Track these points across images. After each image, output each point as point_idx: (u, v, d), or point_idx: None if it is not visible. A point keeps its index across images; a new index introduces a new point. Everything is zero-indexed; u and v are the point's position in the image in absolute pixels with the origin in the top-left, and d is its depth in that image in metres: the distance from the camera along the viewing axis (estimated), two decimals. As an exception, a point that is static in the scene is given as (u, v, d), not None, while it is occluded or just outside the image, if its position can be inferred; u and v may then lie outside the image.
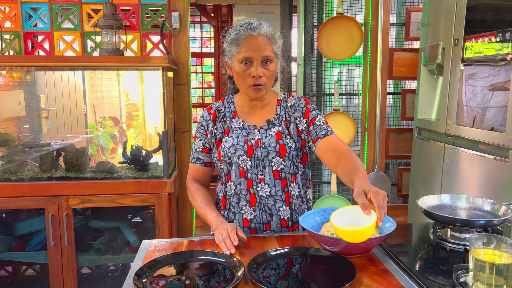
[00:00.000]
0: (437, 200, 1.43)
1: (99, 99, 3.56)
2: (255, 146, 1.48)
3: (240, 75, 1.43)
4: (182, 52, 2.63)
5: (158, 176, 2.38)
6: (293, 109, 1.54)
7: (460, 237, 1.30)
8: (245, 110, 1.55)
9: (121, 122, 3.58)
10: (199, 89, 5.60)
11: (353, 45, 2.83)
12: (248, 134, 1.50)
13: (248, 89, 1.45)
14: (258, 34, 1.40)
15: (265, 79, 1.43)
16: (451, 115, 2.23)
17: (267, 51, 1.41)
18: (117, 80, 3.49)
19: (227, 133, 1.51)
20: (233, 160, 1.46)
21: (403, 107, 2.96)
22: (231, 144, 1.47)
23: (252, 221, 1.48)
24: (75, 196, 2.30)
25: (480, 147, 2.04)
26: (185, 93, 2.66)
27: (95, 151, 3.31)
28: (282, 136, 1.50)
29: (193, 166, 1.59)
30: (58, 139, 3.18)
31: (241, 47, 1.40)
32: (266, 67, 1.42)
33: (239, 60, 1.41)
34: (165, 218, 2.36)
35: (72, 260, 2.35)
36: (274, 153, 1.47)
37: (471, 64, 2.12)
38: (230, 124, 1.53)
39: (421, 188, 2.61)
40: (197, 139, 1.57)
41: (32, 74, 2.89)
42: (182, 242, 1.35)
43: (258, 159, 1.47)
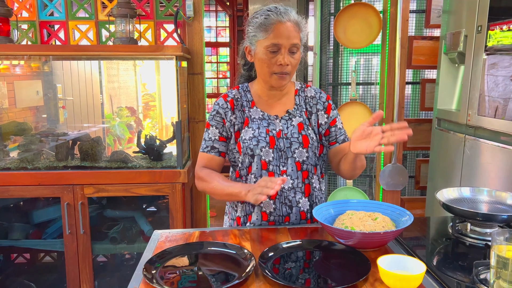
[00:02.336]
0: (456, 193, 1.38)
1: (116, 89, 3.58)
2: (277, 137, 1.43)
3: (265, 62, 1.37)
4: (196, 41, 2.60)
5: (172, 166, 2.38)
6: (314, 100, 1.52)
7: (481, 232, 1.25)
8: (263, 100, 1.49)
9: (138, 112, 3.59)
10: (214, 79, 5.58)
11: (371, 33, 2.75)
12: (269, 125, 1.45)
13: (272, 77, 1.39)
14: (288, 20, 1.34)
15: (291, 67, 1.38)
16: (472, 105, 2.15)
17: (295, 38, 1.35)
18: (134, 70, 3.50)
19: (246, 123, 1.44)
20: (256, 152, 1.41)
21: (422, 97, 2.88)
22: (253, 136, 1.42)
23: (272, 214, 1.44)
24: (90, 185, 2.31)
25: (503, 139, 1.96)
26: (199, 82, 2.64)
27: (111, 141, 3.33)
28: (304, 127, 1.47)
29: (205, 156, 1.49)
30: (75, 128, 3.21)
31: (269, 33, 1.33)
32: (292, 56, 1.37)
33: (265, 46, 1.35)
34: (178, 208, 2.36)
35: (87, 248, 2.37)
36: (297, 144, 1.44)
37: (493, 53, 2.04)
38: (249, 114, 1.47)
39: (439, 180, 2.54)
40: (211, 127, 1.48)
41: (50, 64, 2.91)
42: (193, 233, 1.33)
43: (281, 151, 1.43)
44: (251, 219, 1.45)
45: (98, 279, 2.52)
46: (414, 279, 0.93)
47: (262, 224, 1.44)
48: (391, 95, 2.73)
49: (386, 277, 0.95)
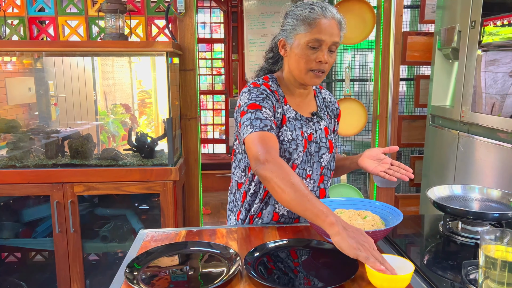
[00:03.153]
0: (448, 191, 1.35)
1: (111, 86, 3.55)
2: (309, 140, 1.39)
3: (303, 58, 1.28)
4: (188, 37, 2.57)
5: (163, 164, 2.35)
6: (332, 105, 1.52)
7: (472, 230, 1.23)
8: (292, 98, 1.41)
9: (133, 109, 3.56)
10: (209, 76, 5.54)
11: (365, 29, 2.72)
12: (302, 126, 1.38)
13: (307, 74, 1.30)
14: (332, 17, 1.28)
15: (328, 66, 1.31)
16: (466, 101, 2.13)
17: (337, 36, 1.29)
18: (129, 67, 3.46)
19: (284, 122, 1.34)
20: (293, 156, 1.33)
21: (416, 93, 2.85)
22: (291, 138, 1.33)
23: (283, 216, 1.40)
24: (80, 183, 2.28)
25: (497, 135, 1.94)
26: (191, 79, 2.61)
27: (105, 138, 3.30)
28: (329, 132, 1.46)
29: (267, 135, 1.22)
30: (67, 126, 3.17)
31: (313, 27, 1.26)
32: (331, 55, 1.30)
33: (306, 41, 1.26)
34: (170, 206, 2.33)
35: (77, 247, 2.34)
36: (325, 149, 1.41)
37: (491, 49, 2.02)
38: (286, 111, 1.37)
39: (434, 177, 2.52)
40: (263, 108, 1.27)
41: (41, 61, 2.87)
42: (180, 232, 1.30)
43: (310, 154, 1.39)
44: (261, 216, 1.41)
45: (89, 277, 2.49)
46: (402, 280, 0.90)
47: (270, 223, 1.40)
48: (385, 91, 2.71)
49: (373, 278, 0.93)
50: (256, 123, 1.24)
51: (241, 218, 1.44)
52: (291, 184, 1.08)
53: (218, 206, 4.39)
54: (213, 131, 5.80)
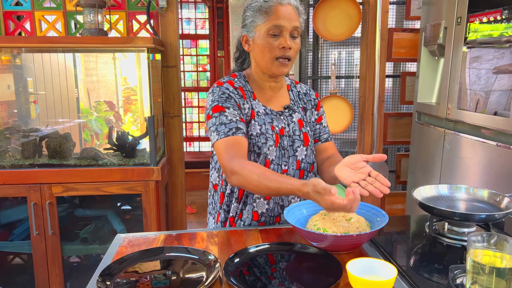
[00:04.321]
0: (434, 191, 1.32)
1: (94, 83, 3.46)
2: (281, 134, 1.36)
3: (266, 47, 1.27)
4: (170, 33, 2.50)
5: (145, 163, 2.29)
6: (307, 97, 1.49)
7: (459, 232, 1.20)
8: (262, 92, 1.39)
9: (118, 107, 3.48)
10: (194, 72, 5.46)
11: (350, 25, 2.69)
12: (273, 121, 1.36)
13: (273, 63, 1.29)
14: (288, 3, 1.28)
15: (293, 52, 1.29)
16: (452, 98, 2.11)
17: (296, 21, 1.28)
18: (113, 63, 3.38)
19: (252, 116, 1.33)
20: (263, 151, 1.31)
21: (402, 90, 2.83)
22: (260, 132, 1.32)
23: (263, 215, 1.36)
24: (58, 184, 2.21)
25: (483, 133, 1.93)
26: (174, 76, 2.54)
27: (88, 136, 3.22)
28: (303, 124, 1.42)
29: (231, 140, 1.23)
30: (48, 124, 3.09)
31: (270, 15, 1.26)
32: (294, 41, 1.29)
33: (266, 29, 1.26)
34: (152, 207, 2.27)
35: (56, 249, 2.27)
36: (299, 142, 1.38)
37: (475, 46, 1.99)
38: (254, 106, 1.35)
39: (420, 175, 2.50)
40: (227, 109, 1.28)
41: (21, 57, 2.77)
42: (158, 237, 1.25)
43: (284, 149, 1.36)
44: (242, 217, 1.37)
45: (70, 280, 2.42)
46: (384, 285, 0.87)
47: (252, 224, 1.37)
48: (371, 88, 2.68)
49: (354, 283, 0.89)
50: (221, 129, 1.26)
51: (220, 221, 1.40)
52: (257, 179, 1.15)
53: (203, 205, 4.34)
54: (199, 128, 5.73)
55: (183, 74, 5.37)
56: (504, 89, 1.90)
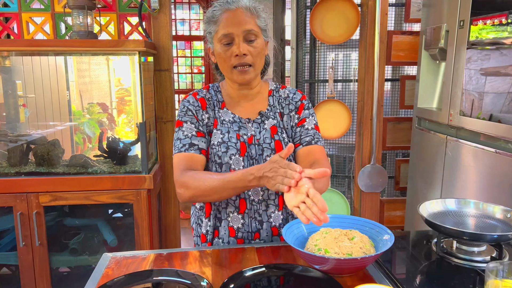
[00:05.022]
0: (441, 206, 1.25)
1: (87, 85, 3.38)
2: (248, 143, 1.28)
3: (222, 57, 1.24)
4: (162, 35, 2.41)
5: (136, 171, 2.20)
6: (287, 101, 1.38)
7: (468, 251, 1.13)
8: (234, 101, 1.34)
9: (111, 108, 3.40)
10: (189, 74, 5.37)
11: (349, 27, 2.61)
12: (240, 129, 1.30)
13: (233, 73, 1.25)
14: (236, 7, 1.22)
15: (252, 57, 1.23)
16: (454, 104, 2.04)
17: (249, 24, 1.22)
18: (107, 64, 3.30)
19: (215, 125, 1.30)
20: (224, 160, 1.25)
21: (401, 94, 2.76)
22: (222, 141, 1.27)
23: (240, 230, 1.29)
24: (46, 193, 2.12)
25: (486, 141, 1.86)
26: (167, 79, 2.46)
27: (80, 139, 3.14)
28: (277, 130, 1.32)
29: (183, 156, 1.23)
30: (38, 127, 3.00)
31: (219, 24, 1.22)
32: (251, 45, 1.23)
33: (218, 39, 1.23)
34: (144, 216, 2.19)
35: (44, 261, 2.18)
36: (269, 151, 1.29)
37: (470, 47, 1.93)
38: (218, 115, 1.31)
39: (420, 181, 2.43)
40: (185, 123, 1.27)
41: (10, 59, 2.68)
42: (147, 256, 1.17)
43: (252, 158, 1.28)
44: (219, 234, 1.31)
45: (59, 291, 2.33)
46: None
47: (230, 240, 1.29)
48: (370, 92, 2.61)
49: None
50: (176, 144, 1.27)
51: (195, 235, 1.35)
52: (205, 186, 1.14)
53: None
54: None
55: (177, 76, 5.28)
56: (497, 92, 1.85)
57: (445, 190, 2.15)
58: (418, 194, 2.46)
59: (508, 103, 1.84)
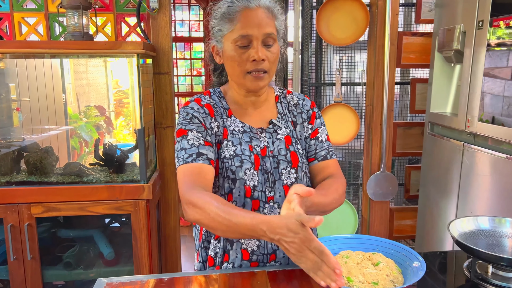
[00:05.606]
0: (472, 224, 1.13)
1: (84, 87, 3.28)
2: (262, 155, 1.15)
3: (235, 60, 1.10)
4: (162, 37, 2.29)
5: (134, 180, 2.08)
6: (299, 109, 1.26)
7: (505, 277, 1.01)
8: (241, 108, 1.21)
9: (109, 111, 3.30)
10: (188, 77, 5.25)
11: (357, 28, 2.50)
12: (252, 140, 1.16)
13: (246, 78, 1.12)
14: (257, 5, 1.08)
15: (268, 64, 1.11)
16: (472, 109, 1.93)
17: (269, 27, 1.09)
18: (104, 66, 3.20)
19: (225, 136, 1.15)
20: (238, 176, 1.11)
21: (412, 98, 2.65)
22: (234, 154, 1.13)
23: (254, 253, 1.15)
24: (38, 204, 1.99)
25: (509, 149, 1.74)
26: (167, 83, 2.34)
27: (77, 143, 3.04)
28: (292, 141, 1.20)
29: (191, 168, 1.07)
30: (32, 132, 2.89)
31: (236, 23, 1.07)
32: (268, 49, 1.10)
33: (233, 40, 1.09)
34: (143, 228, 2.06)
35: (36, 276, 2.05)
36: (285, 163, 1.17)
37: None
38: (227, 124, 1.17)
39: (432, 190, 2.32)
40: (189, 132, 1.11)
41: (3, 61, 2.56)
42: (147, 282, 1.05)
43: (267, 172, 1.15)
44: (229, 259, 1.16)
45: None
46: None
47: (243, 264, 1.16)
48: (380, 96, 2.49)
49: None
50: (181, 155, 1.10)
51: (200, 260, 1.20)
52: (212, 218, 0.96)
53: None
54: (193, 134, 5.51)
55: (177, 79, 5.15)
56: (494, 94, 1.76)
57: (462, 201, 2.03)
58: (431, 202, 2.34)
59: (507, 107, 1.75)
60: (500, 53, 1.81)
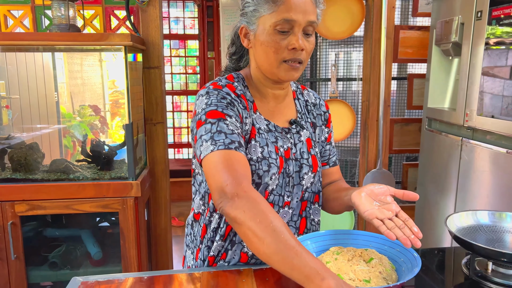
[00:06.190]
0: (471, 219, 1.07)
1: (79, 86, 3.23)
2: (286, 157, 1.06)
3: (272, 46, 0.98)
4: (152, 30, 2.23)
5: (122, 177, 2.01)
6: (317, 109, 1.18)
7: (506, 274, 0.95)
8: (265, 102, 1.10)
9: (105, 111, 3.24)
10: (183, 75, 5.18)
11: (353, 22, 2.44)
12: (277, 140, 1.07)
13: (280, 67, 1.00)
14: None
15: (305, 54, 1.01)
16: (470, 103, 1.87)
17: (312, 14, 0.98)
18: (100, 65, 3.14)
19: (253, 135, 1.04)
20: (264, 181, 1.01)
21: (409, 94, 2.59)
22: (262, 156, 1.02)
23: (254, 257, 1.08)
24: (23, 202, 1.92)
25: (508, 143, 1.68)
26: (157, 78, 2.27)
27: (70, 143, 2.98)
28: (312, 144, 1.12)
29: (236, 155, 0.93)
30: (24, 130, 2.82)
31: (279, 4, 0.96)
32: (307, 39, 1.00)
33: (273, 23, 0.97)
34: (131, 226, 2.00)
35: (21, 276, 1.99)
36: (307, 168, 1.09)
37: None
38: (254, 122, 1.06)
39: (431, 187, 2.25)
40: (228, 117, 0.97)
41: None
42: (125, 281, 0.98)
43: (289, 176, 1.06)
44: (226, 258, 1.09)
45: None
46: None
47: (238, 265, 1.09)
48: (376, 91, 2.43)
49: None
50: (220, 139, 0.93)
51: (200, 258, 1.12)
52: (271, 230, 0.81)
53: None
54: (188, 134, 5.44)
55: (171, 77, 5.09)
56: (493, 93, 1.70)
57: (460, 198, 1.97)
58: (429, 200, 2.28)
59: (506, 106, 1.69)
60: (499, 52, 1.76)
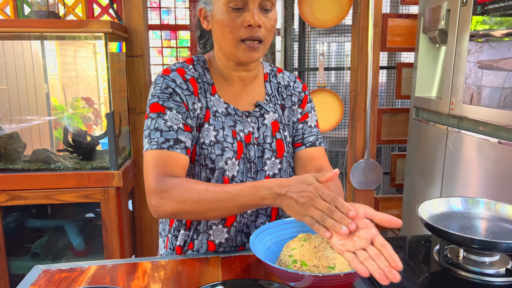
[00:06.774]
0: (444, 206, 1.04)
1: (72, 79, 3.20)
2: (246, 142, 1.03)
3: (227, 25, 0.95)
4: (135, 17, 2.19)
5: (104, 167, 1.98)
6: (289, 90, 1.14)
7: (477, 261, 0.92)
8: (227, 85, 1.07)
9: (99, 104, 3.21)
10: (176, 66, 5.12)
11: (340, 10, 2.40)
12: (236, 124, 1.04)
13: (238, 47, 0.97)
14: None
15: (265, 31, 0.97)
16: (456, 91, 1.83)
17: None
18: (94, 58, 3.11)
19: (207, 118, 1.01)
20: (218, 165, 0.99)
21: (398, 83, 2.55)
22: (215, 140, 1.00)
23: (222, 245, 1.05)
24: (2, 192, 1.90)
25: (493, 131, 1.65)
26: (140, 67, 2.24)
27: (61, 135, 2.95)
28: (279, 127, 1.08)
29: (165, 155, 0.94)
30: (11, 122, 2.80)
31: None
32: (266, 15, 0.96)
33: (226, 1, 0.94)
34: (113, 217, 1.97)
35: (2, 267, 1.97)
36: (270, 153, 1.05)
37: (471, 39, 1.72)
38: (210, 105, 1.03)
39: (419, 178, 2.23)
40: (168, 110, 0.96)
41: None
42: (87, 269, 0.96)
43: (250, 162, 1.04)
44: (193, 248, 1.06)
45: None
46: None
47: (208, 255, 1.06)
48: (364, 81, 2.39)
49: None
50: (155, 137, 0.95)
51: (169, 247, 1.10)
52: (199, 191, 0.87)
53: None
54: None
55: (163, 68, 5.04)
56: (494, 86, 1.65)
57: (446, 187, 1.95)
58: (416, 191, 2.25)
59: (504, 98, 1.65)
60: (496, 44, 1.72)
